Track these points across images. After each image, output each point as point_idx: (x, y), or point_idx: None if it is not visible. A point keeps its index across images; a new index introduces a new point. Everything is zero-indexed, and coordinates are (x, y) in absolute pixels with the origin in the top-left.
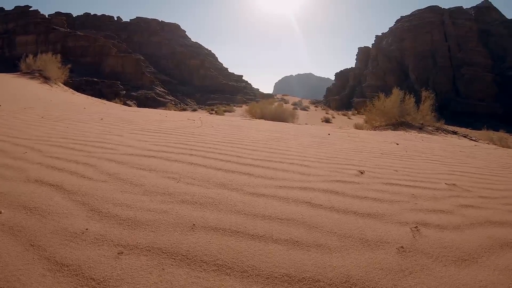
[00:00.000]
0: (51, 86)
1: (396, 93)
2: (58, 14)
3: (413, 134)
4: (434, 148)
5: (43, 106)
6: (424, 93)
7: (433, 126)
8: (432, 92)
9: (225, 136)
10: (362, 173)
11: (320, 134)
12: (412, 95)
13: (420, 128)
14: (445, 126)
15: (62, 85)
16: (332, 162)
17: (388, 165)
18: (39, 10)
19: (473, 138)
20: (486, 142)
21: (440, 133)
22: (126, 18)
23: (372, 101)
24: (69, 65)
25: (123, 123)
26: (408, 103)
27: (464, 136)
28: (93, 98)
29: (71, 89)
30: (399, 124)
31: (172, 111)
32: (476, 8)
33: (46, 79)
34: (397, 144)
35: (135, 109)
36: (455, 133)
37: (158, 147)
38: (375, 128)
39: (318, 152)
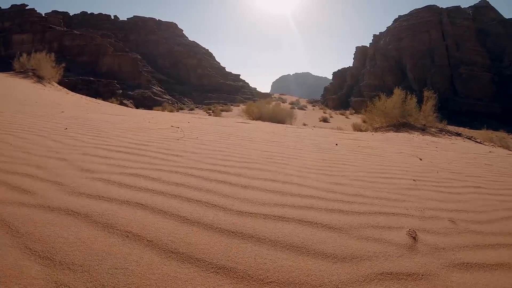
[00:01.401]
0: (44, 85)
1: (398, 93)
2: (54, 12)
3: (419, 137)
4: (457, 161)
5: (17, 110)
6: (426, 93)
7: (436, 127)
8: (432, 91)
9: (208, 156)
10: (414, 238)
11: (326, 144)
12: (413, 95)
13: (423, 130)
14: (448, 127)
15: (56, 84)
16: (358, 210)
17: (436, 208)
18: (35, 9)
19: (478, 140)
20: (491, 144)
21: (444, 135)
22: (123, 17)
23: (372, 101)
24: (63, 64)
25: (88, 135)
26: (409, 104)
27: (469, 138)
28: (88, 97)
29: (65, 89)
30: (401, 125)
31: (160, 113)
32: (474, 7)
33: (39, 79)
34: (421, 159)
35: (120, 111)
36: (459, 134)
37: (100, 186)
38: (376, 129)
39: (333, 183)
